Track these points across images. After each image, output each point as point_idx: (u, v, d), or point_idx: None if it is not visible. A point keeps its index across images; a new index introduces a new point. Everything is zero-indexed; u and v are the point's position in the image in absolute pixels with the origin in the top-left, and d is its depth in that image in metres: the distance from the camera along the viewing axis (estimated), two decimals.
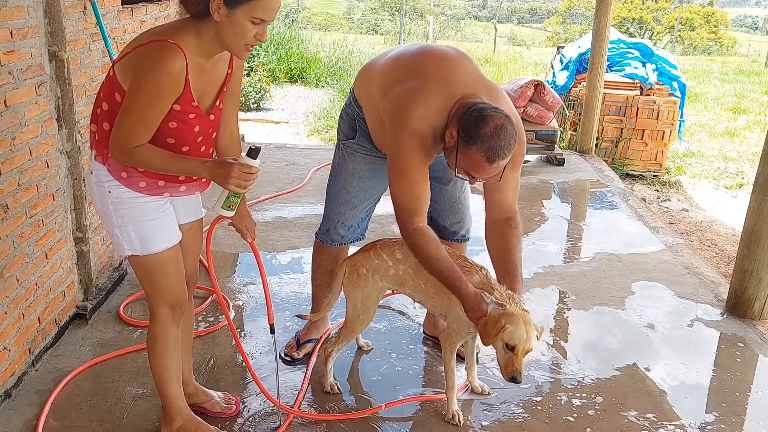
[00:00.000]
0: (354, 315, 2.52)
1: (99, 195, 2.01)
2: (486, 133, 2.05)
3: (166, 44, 1.78)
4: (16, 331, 2.55)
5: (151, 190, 1.99)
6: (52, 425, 2.36)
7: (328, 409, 2.51)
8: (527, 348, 2.15)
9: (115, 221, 2.00)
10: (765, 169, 3.20)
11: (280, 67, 10.78)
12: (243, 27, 1.79)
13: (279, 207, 4.62)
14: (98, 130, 1.95)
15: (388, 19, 31.17)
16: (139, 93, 1.79)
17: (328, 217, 2.72)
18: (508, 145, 2.08)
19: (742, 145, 8.34)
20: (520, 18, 42.91)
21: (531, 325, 2.17)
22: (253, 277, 3.55)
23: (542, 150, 5.95)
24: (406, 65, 2.35)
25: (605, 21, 6.04)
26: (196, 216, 2.24)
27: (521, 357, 2.15)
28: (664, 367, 2.87)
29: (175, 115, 1.87)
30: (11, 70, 2.46)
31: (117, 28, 3.40)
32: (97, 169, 1.98)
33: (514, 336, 2.13)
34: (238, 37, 1.81)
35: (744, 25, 43.04)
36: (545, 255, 3.99)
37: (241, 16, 1.77)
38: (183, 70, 1.80)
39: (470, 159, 2.11)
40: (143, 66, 1.78)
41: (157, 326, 2.14)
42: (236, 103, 2.13)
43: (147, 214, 2.00)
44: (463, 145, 2.10)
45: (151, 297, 2.12)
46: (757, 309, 3.32)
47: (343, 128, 2.63)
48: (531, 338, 2.16)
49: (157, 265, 2.06)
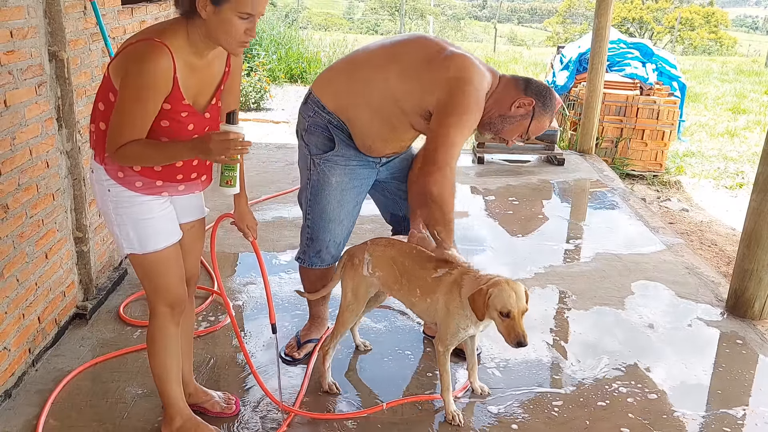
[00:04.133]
0: (345, 305, 2.54)
1: (100, 193, 2.02)
2: (544, 95, 2.44)
3: (151, 43, 1.79)
4: (16, 331, 2.55)
5: (149, 190, 1.99)
6: (52, 425, 2.36)
7: (328, 408, 2.51)
8: (521, 308, 2.15)
9: (114, 219, 2.01)
10: (765, 169, 3.20)
11: (280, 67, 10.78)
12: (231, 23, 1.78)
13: (279, 207, 4.62)
14: (96, 130, 1.96)
15: (388, 19, 31.17)
16: (126, 92, 1.81)
17: (317, 238, 2.62)
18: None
19: (742, 145, 8.34)
20: (520, 18, 42.89)
21: (516, 285, 2.18)
22: (253, 277, 3.55)
23: (542, 150, 5.95)
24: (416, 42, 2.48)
25: (605, 21, 6.04)
26: (197, 215, 2.23)
27: (519, 319, 2.14)
28: (664, 367, 2.87)
29: (166, 113, 1.87)
30: (11, 70, 2.46)
31: (117, 28, 3.40)
32: (97, 169, 1.99)
33: (503, 299, 2.13)
34: (228, 34, 1.80)
35: (744, 25, 43.03)
36: (545, 255, 3.99)
37: (228, 12, 1.76)
38: (169, 69, 1.80)
39: (541, 123, 2.46)
40: (129, 65, 1.80)
41: (157, 325, 2.14)
42: (236, 102, 2.11)
43: (146, 213, 2.00)
44: (540, 111, 2.43)
45: (151, 295, 2.12)
46: (757, 309, 3.31)
47: (316, 142, 2.52)
48: (521, 297, 2.16)
49: (156, 264, 2.06)
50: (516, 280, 2.24)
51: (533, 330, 3.09)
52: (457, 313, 2.31)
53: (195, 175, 2.07)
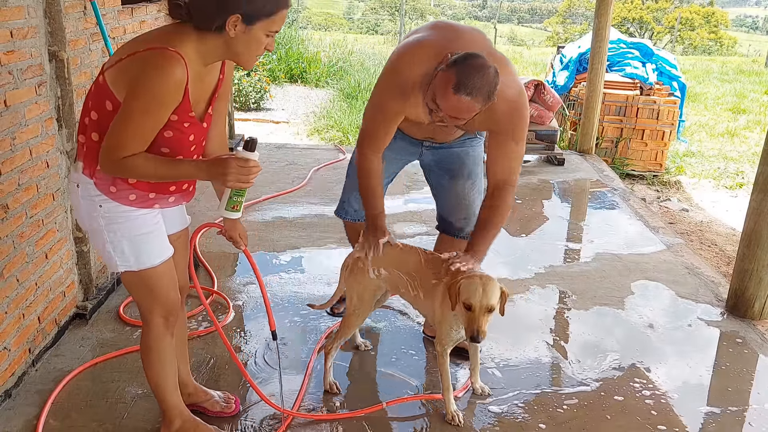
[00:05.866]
0: (351, 309, 2.54)
1: (87, 209, 1.92)
2: (468, 64, 2.07)
3: (167, 52, 1.71)
4: (16, 331, 2.55)
5: (142, 203, 1.93)
6: (52, 425, 2.36)
7: (328, 408, 2.51)
8: (485, 304, 2.15)
9: (107, 237, 1.93)
10: (765, 169, 3.20)
11: (280, 67, 10.78)
12: (258, 41, 1.78)
13: (279, 207, 4.62)
14: (86, 141, 1.86)
15: (388, 19, 31.16)
16: (136, 103, 1.72)
17: (344, 190, 2.91)
18: (481, 87, 2.06)
19: (742, 145, 8.35)
20: (520, 18, 42.93)
21: (491, 284, 2.18)
22: (253, 277, 3.55)
23: (542, 150, 5.95)
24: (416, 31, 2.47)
25: (605, 21, 6.04)
26: (182, 225, 2.20)
27: (479, 315, 2.14)
28: (664, 367, 2.87)
29: (171, 124, 1.81)
30: (11, 70, 2.46)
31: (117, 28, 3.40)
32: (85, 183, 1.90)
33: (468, 292, 2.15)
34: (251, 50, 1.79)
35: (744, 25, 43.06)
36: (545, 255, 3.99)
37: (259, 30, 1.76)
38: (183, 80, 1.74)
39: (441, 80, 2.10)
40: (143, 75, 1.71)
41: (152, 336, 2.10)
42: (226, 108, 2.08)
43: (140, 228, 1.94)
44: (442, 69, 2.12)
45: (145, 308, 2.07)
46: (757, 309, 3.31)
47: None
48: (489, 294, 2.15)
49: (152, 279, 2.00)
50: (516, 279, 2.24)
51: (533, 330, 3.09)
52: (448, 314, 2.32)
53: (186, 186, 2.03)
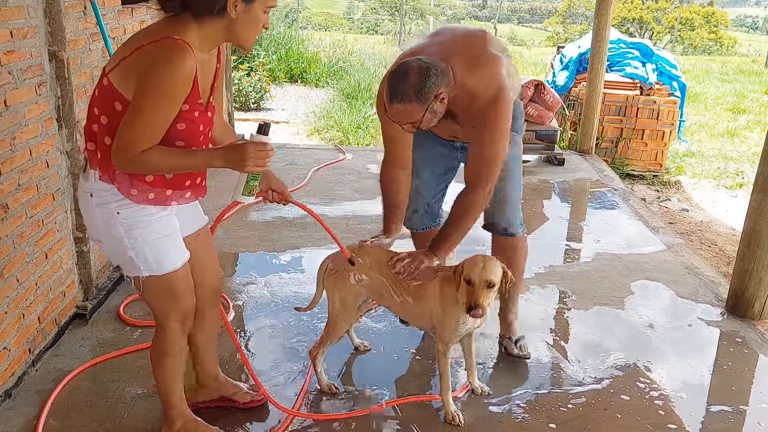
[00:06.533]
0: (334, 313, 2.52)
1: (103, 218, 1.87)
2: (394, 73, 2.23)
3: (174, 42, 1.68)
4: (16, 331, 2.55)
5: (160, 201, 1.90)
6: (52, 425, 2.36)
7: (328, 408, 2.51)
8: (484, 278, 2.20)
9: (128, 243, 1.88)
10: (765, 169, 3.19)
11: (280, 67, 10.78)
12: (258, 18, 1.80)
13: (279, 207, 4.61)
14: (98, 148, 1.82)
15: (388, 19, 31.17)
16: (147, 97, 1.68)
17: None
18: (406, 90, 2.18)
19: (742, 145, 8.35)
20: (520, 18, 42.95)
21: (492, 261, 2.24)
22: (253, 276, 3.55)
23: (542, 150, 5.94)
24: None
25: (605, 21, 6.04)
26: (200, 224, 2.18)
27: (479, 288, 2.19)
28: (665, 367, 2.87)
29: (183, 114, 1.78)
30: (11, 70, 2.46)
31: (117, 28, 3.40)
32: (101, 190, 1.85)
33: (470, 268, 2.22)
34: (251, 29, 1.81)
35: (744, 25, 43.07)
36: (545, 255, 3.99)
37: (258, 8, 1.78)
38: (193, 69, 1.72)
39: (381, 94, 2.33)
40: (152, 69, 1.68)
41: (168, 341, 2.07)
42: (222, 97, 2.08)
43: (160, 231, 1.92)
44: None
45: (162, 314, 2.04)
46: (757, 309, 3.31)
47: None
48: (489, 271, 2.21)
49: (173, 282, 1.99)
50: None
51: (533, 330, 3.09)
52: (453, 308, 2.32)
53: (200, 180, 2.01)
